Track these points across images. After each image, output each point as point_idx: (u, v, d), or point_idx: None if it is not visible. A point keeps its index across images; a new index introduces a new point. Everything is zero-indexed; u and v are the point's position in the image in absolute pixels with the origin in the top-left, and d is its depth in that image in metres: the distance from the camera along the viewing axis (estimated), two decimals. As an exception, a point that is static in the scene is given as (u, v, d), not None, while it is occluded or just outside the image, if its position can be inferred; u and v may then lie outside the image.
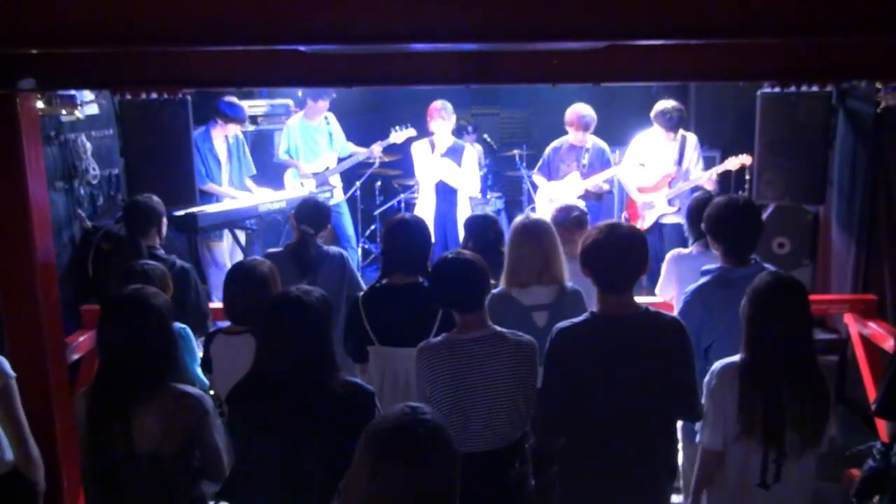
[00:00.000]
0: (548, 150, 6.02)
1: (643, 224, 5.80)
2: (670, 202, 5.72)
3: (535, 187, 6.23)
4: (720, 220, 3.21)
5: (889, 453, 2.86)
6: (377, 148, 6.43)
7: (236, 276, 3.13)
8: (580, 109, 5.75)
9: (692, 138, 5.73)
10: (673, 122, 5.57)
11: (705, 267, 3.25)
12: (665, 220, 5.77)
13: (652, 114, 5.64)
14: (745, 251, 3.18)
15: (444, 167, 5.87)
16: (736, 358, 2.60)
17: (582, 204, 5.60)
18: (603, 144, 5.92)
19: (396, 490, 1.56)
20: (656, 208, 5.76)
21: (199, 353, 3.46)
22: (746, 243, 3.19)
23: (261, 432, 2.39)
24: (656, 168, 5.76)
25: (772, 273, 2.66)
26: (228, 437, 2.63)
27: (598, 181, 5.81)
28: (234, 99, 5.66)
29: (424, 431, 1.59)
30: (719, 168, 5.59)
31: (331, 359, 2.42)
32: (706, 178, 5.56)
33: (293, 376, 2.35)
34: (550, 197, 5.88)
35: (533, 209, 6.13)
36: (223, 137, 5.75)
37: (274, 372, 2.39)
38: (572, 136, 5.83)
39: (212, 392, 3.28)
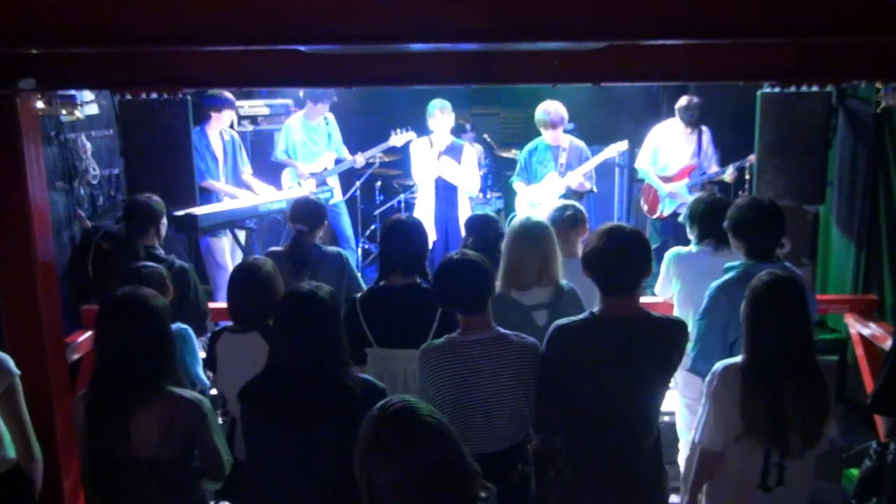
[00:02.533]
0: (523, 153, 5.97)
1: (663, 212, 5.88)
2: (690, 192, 5.75)
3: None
4: (744, 219, 3.30)
5: (885, 452, 2.86)
6: (360, 158, 6.43)
7: (239, 276, 3.13)
8: (546, 107, 5.71)
9: (707, 132, 5.82)
10: (694, 119, 5.70)
11: (728, 264, 3.31)
12: (682, 210, 5.79)
13: (676, 107, 5.72)
14: (769, 248, 3.28)
15: (444, 164, 5.85)
16: (738, 359, 2.60)
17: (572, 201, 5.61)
18: (580, 143, 5.87)
19: (399, 482, 1.57)
20: (678, 198, 5.81)
21: (202, 354, 3.45)
22: (769, 240, 3.29)
23: (274, 427, 2.39)
24: (676, 159, 5.84)
25: (769, 272, 2.66)
26: (241, 433, 2.62)
27: (577, 178, 5.75)
28: (214, 91, 5.63)
29: (399, 421, 1.61)
30: (738, 164, 5.62)
31: (343, 354, 2.43)
32: (728, 173, 5.66)
33: (307, 371, 2.37)
34: (531, 200, 5.84)
35: (513, 217, 6.10)
36: (219, 135, 5.75)
37: (288, 367, 2.40)
38: (545, 136, 5.82)
39: (214, 391, 3.27)
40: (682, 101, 5.72)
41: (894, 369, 2.76)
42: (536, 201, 5.76)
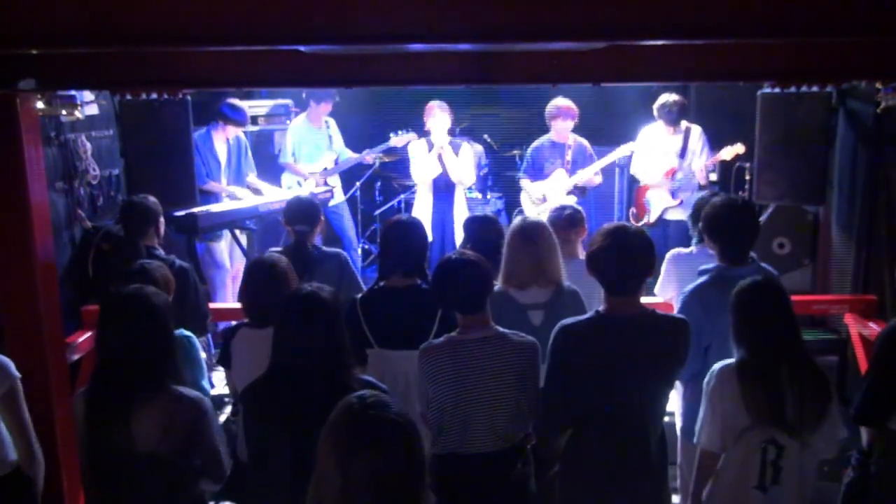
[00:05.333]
0: (530, 150, 6.05)
1: (649, 219, 5.84)
2: (673, 194, 5.74)
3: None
4: (717, 219, 3.24)
5: (867, 462, 2.83)
6: (369, 157, 6.44)
7: (257, 272, 3.13)
8: (557, 102, 5.78)
9: (696, 130, 5.77)
10: (672, 117, 5.64)
11: (702, 267, 3.26)
12: (669, 216, 5.79)
13: (654, 107, 5.68)
14: (742, 251, 3.20)
15: (445, 156, 5.86)
16: (732, 360, 2.62)
17: (573, 199, 5.65)
18: (584, 141, 5.95)
19: (362, 477, 1.61)
20: (661, 202, 5.78)
21: (203, 355, 3.44)
22: (743, 243, 3.21)
23: (276, 428, 2.39)
24: (660, 162, 5.79)
25: (749, 280, 2.69)
26: (242, 434, 2.62)
27: (583, 178, 5.82)
28: (236, 102, 5.66)
29: (375, 416, 1.66)
30: (714, 159, 5.64)
31: (345, 355, 2.43)
32: (698, 170, 5.62)
33: (309, 372, 2.37)
34: (538, 196, 5.88)
35: (520, 212, 6.14)
36: (224, 139, 5.75)
37: (290, 368, 2.40)
38: (556, 133, 5.84)
39: (214, 392, 3.26)
40: (660, 99, 5.67)
41: (876, 380, 2.75)
42: (543, 197, 5.80)
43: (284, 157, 6.40)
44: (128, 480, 2.48)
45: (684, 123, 5.76)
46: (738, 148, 5.44)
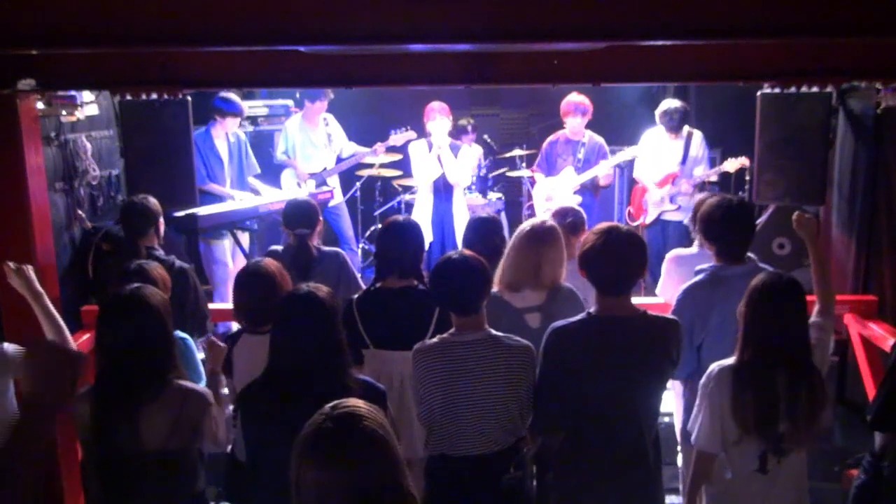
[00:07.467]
0: (544, 144, 6.06)
1: (646, 220, 5.85)
2: (671, 199, 5.75)
3: (532, 183, 6.24)
4: (713, 220, 3.24)
5: (880, 465, 2.82)
6: (381, 147, 6.42)
7: (243, 279, 3.13)
8: (572, 97, 5.80)
9: (698, 135, 5.78)
10: (674, 124, 5.65)
11: (699, 266, 3.26)
12: (667, 217, 5.80)
13: (656, 113, 5.69)
14: (738, 250, 3.20)
15: (443, 156, 5.88)
16: (731, 360, 2.60)
17: (578, 199, 5.65)
18: (600, 139, 5.93)
19: (333, 490, 1.56)
20: (659, 205, 5.80)
21: (201, 355, 3.44)
22: (739, 243, 3.20)
23: (274, 429, 2.38)
24: (661, 166, 5.80)
25: (770, 273, 2.67)
26: (240, 435, 2.62)
27: (590, 176, 5.82)
28: (228, 94, 5.65)
29: (335, 427, 1.59)
30: (718, 169, 5.68)
31: (343, 354, 2.43)
32: (698, 177, 5.66)
33: (307, 372, 2.36)
34: (546, 193, 5.89)
35: (530, 207, 6.14)
36: (224, 136, 5.74)
37: (289, 369, 2.39)
38: (569, 129, 5.86)
39: (225, 390, 3.24)
40: (662, 106, 5.69)
41: (893, 385, 2.73)
42: (551, 194, 5.81)
43: (276, 155, 6.39)
44: (133, 480, 2.48)
45: (686, 129, 5.76)
46: (743, 161, 5.48)
